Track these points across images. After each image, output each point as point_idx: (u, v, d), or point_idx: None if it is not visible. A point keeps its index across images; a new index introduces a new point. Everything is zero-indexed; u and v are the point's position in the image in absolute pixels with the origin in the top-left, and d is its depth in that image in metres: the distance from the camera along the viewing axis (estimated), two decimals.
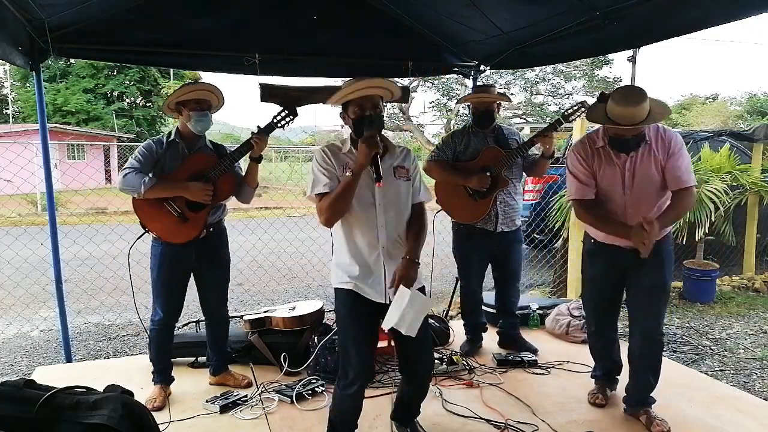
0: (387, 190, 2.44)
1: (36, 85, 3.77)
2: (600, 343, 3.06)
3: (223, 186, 3.06)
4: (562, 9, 3.48)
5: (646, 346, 2.79)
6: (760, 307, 5.59)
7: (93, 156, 21.97)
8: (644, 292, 2.75)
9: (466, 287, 3.81)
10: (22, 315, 5.21)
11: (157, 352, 3.18)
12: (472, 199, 3.59)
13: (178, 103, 3.00)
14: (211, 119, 3.09)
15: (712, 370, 3.99)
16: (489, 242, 3.64)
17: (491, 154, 3.55)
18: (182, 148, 3.04)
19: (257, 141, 3.03)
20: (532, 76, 23.43)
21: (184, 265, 3.08)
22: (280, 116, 3.10)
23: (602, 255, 2.83)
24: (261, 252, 6.56)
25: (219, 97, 3.07)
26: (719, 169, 5.95)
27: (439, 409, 3.04)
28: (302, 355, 3.50)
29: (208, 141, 3.17)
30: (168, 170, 2.98)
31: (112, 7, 3.62)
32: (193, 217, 3.01)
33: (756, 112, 24.41)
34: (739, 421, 2.87)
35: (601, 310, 2.98)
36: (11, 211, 10.84)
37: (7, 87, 27.68)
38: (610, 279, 2.87)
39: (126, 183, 2.87)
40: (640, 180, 2.65)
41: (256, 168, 3.14)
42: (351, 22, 4.23)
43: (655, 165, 2.63)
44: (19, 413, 1.69)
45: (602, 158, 2.71)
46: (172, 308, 3.12)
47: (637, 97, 2.48)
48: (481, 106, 3.58)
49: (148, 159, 2.95)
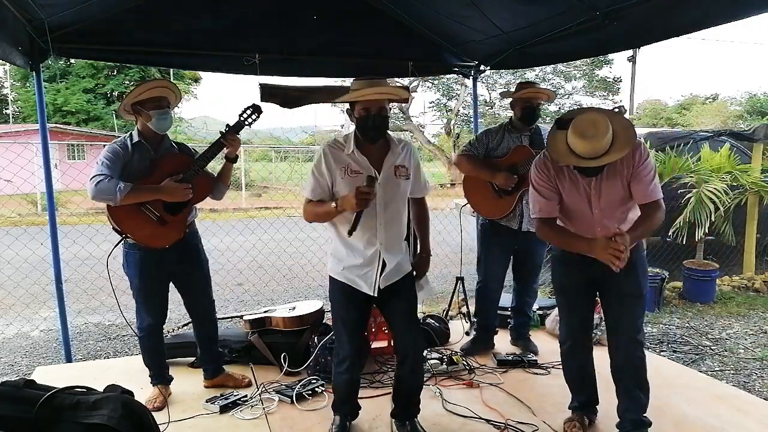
0: (387, 189, 2.52)
1: (36, 85, 3.77)
2: (573, 364, 2.82)
3: (202, 185, 3.02)
4: (562, 9, 3.48)
5: (627, 356, 2.62)
6: (760, 307, 5.59)
7: (93, 156, 21.93)
8: (619, 301, 2.61)
9: (483, 283, 3.80)
10: (22, 315, 5.21)
11: (150, 357, 3.17)
12: (498, 195, 3.60)
13: (135, 104, 2.89)
14: (172, 117, 3.01)
15: (712, 370, 3.99)
16: (512, 240, 3.66)
17: (521, 153, 3.55)
18: (148, 150, 2.94)
19: (231, 141, 2.99)
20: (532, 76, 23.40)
21: (165, 269, 3.02)
22: (246, 114, 3.06)
23: (572, 262, 2.62)
24: (261, 252, 6.57)
25: (176, 94, 3.00)
26: (719, 169, 5.95)
27: (439, 409, 3.04)
28: (302, 355, 3.51)
29: (172, 141, 3.10)
30: (136, 173, 2.87)
31: (112, 7, 3.62)
32: (172, 219, 2.95)
33: (756, 112, 24.40)
34: (739, 420, 2.87)
35: (574, 324, 2.78)
36: (11, 211, 10.83)
37: (7, 87, 27.68)
38: (581, 287, 2.69)
39: (100, 191, 2.72)
40: (607, 198, 2.50)
41: (231, 168, 3.14)
42: (351, 22, 4.23)
43: (620, 180, 2.48)
44: (19, 413, 1.69)
45: (566, 177, 2.55)
46: (159, 313, 3.09)
47: (597, 127, 2.28)
48: (531, 102, 3.53)
49: (116, 164, 2.82)
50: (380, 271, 2.54)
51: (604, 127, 2.29)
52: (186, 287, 3.17)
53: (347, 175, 2.50)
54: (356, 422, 2.87)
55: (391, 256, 2.55)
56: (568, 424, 2.82)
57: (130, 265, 2.99)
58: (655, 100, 32.18)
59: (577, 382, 2.85)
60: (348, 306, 2.64)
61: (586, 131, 2.29)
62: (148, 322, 3.07)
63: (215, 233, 6.78)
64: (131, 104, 2.90)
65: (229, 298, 5.96)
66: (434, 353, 3.67)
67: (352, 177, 2.49)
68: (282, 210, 10.92)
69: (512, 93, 3.58)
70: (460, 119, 24.19)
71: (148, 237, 2.91)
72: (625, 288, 2.57)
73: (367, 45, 4.39)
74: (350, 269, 2.56)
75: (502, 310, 4.16)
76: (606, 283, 2.61)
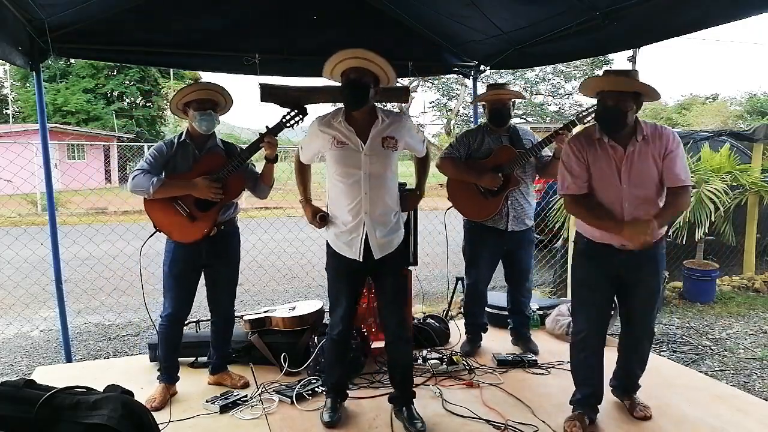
0: (373, 161, 2.63)
1: (36, 85, 3.77)
2: (583, 355, 2.84)
3: (233, 185, 3.07)
4: (562, 9, 3.48)
5: (638, 344, 2.88)
6: (760, 307, 5.60)
7: (93, 156, 21.96)
8: (642, 297, 2.77)
9: (472, 286, 3.81)
10: (22, 315, 5.21)
11: (165, 348, 3.18)
12: (483, 197, 3.60)
13: (184, 104, 3.04)
14: (217, 119, 3.09)
15: (712, 370, 3.99)
16: (500, 241, 3.64)
17: (504, 153, 3.55)
18: (192, 149, 3.06)
19: (268, 142, 3.05)
20: (532, 76, 23.46)
21: (194, 263, 3.10)
22: (289, 116, 3.10)
23: (595, 256, 2.74)
24: (261, 252, 6.56)
25: (226, 98, 3.09)
26: (719, 169, 5.95)
27: (439, 409, 3.04)
28: (302, 355, 3.50)
29: (219, 140, 3.18)
30: (179, 171, 3.02)
31: (112, 7, 3.62)
32: (201, 215, 3.02)
33: (756, 112, 24.39)
34: (739, 420, 2.87)
35: (592, 315, 2.81)
36: (11, 211, 10.83)
37: (7, 87, 27.68)
38: (603, 281, 2.75)
39: (135, 184, 2.92)
40: (637, 173, 2.61)
41: (272, 168, 3.20)
42: (351, 22, 4.22)
43: (653, 159, 2.60)
44: (19, 413, 1.69)
45: (597, 150, 2.65)
46: (181, 303, 3.12)
47: (628, 72, 2.62)
48: (497, 104, 3.57)
49: (158, 160, 2.99)
50: (364, 239, 2.66)
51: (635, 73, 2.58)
52: (212, 282, 3.24)
53: (334, 146, 2.64)
54: (356, 422, 2.87)
55: (379, 226, 2.66)
56: (568, 423, 2.79)
57: (166, 252, 3.11)
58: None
59: (586, 373, 2.86)
60: (339, 272, 2.79)
61: (619, 71, 2.61)
62: (168, 311, 3.12)
63: None
64: (181, 104, 3.05)
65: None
66: (434, 353, 3.67)
67: (339, 148, 2.64)
68: (282, 210, 10.92)
69: (479, 97, 3.66)
70: (460, 119, 24.21)
71: (176, 230, 3.03)
72: (650, 284, 2.74)
73: (367, 45, 4.30)
74: (338, 235, 2.72)
75: (500, 310, 4.17)
76: (630, 279, 2.72)
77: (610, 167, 2.63)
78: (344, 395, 2.98)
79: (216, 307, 3.30)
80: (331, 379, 2.96)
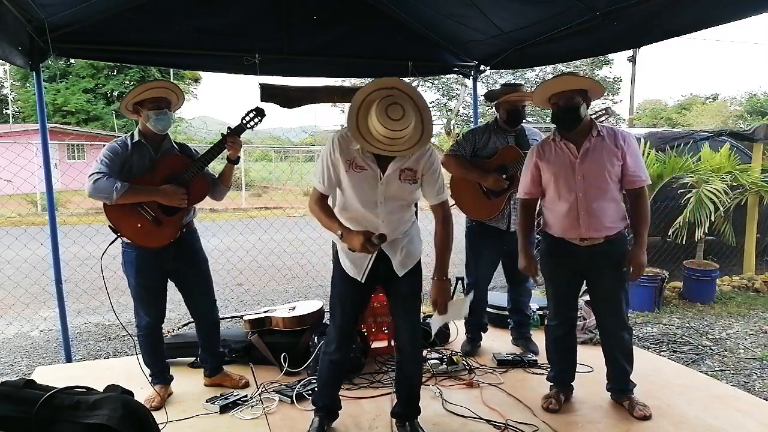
0: (389, 191, 2.50)
1: (36, 85, 3.77)
2: (552, 337, 3.07)
3: (197, 188, 3.01)
4: (562, 9, 3.48)
5: (617, 338, 2.95)
6: (760, 307, 5.59)
7: (93, 156, 21.83)
8: (606, 288, 2.90)
9: (474, 285, 3.79)
10: (22, 315, 5.22)
11: (150, 356, 3.16)
12: (486, 197, 3.60)
13: (136, 103, 2.92)
14: (171, 117, 3.01)
15: (712, 370, 3.99)
16: (501, 241, 3.64)
17: (509, 153, 3.55)
18: (149, 150, 2.96)
19: (231, 143, 3.01)
20: (532, 76, 23.39)
21: (161, 268, 3.02)
22: (248, 117, 3.09)
23: (558, 251, 2.92)
24: (261, 252, 6.57)
25: (178, 95, 3.01)
26: (719, 169, 5.95)
27: (439, 409, 3.04)
28: (302, 355, 3.50)
29: (173, 141, 3.10)
30: (136, 172, 2.90)
31: (112, 7, 3.62)
32: (167, 220, 2.94)
33: (756, 112, 24.39)
34: (739, 420, 2.87)
35: (560, 307, 3.04)
36: (11, 211, 10.82)
37: (7, 87, 27.68)
38: (567, 276, 2.97)
39: (96, 189, 2.76)
40: (593, 169, 2.75)
41: (233, 169, 3.15)
42: (351, 22, 4.23)
43: (607, 155, 2.74)
44: (18, 413, 1.69)
45: (553, 150, 2.84)
46: (157, 311, 3.09)
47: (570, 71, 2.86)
48: (517, 104, 3.54)
49: (115, 162, 2.84)
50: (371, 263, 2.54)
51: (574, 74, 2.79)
52: (183, 286, 3.17)
53: (352, 170, 2.46)
54: (356, 422, 2.87)
55: (390, 247, 2.56)
56: (545, 400, 3.03)
57: (126, 263, 3.00)
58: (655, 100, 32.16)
59: (559, 353, 3.09)
60: (344, 283, 2.64)
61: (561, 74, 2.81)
62: (146, 321, 3.08)
63: (215, 233, 6.78)
64: (132, 104, 2.93)
65: (229, 298, 5.96)
66: (434, 353, 3.67)
67: (357, 172, 2.46)
68: (282, 210, 10.93)
69: (497, 95, 3.59)
70: (460, 119, 24.19)
71: (143, 236, 2.92)
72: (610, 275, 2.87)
73: (367, 45, 4.39)
74: (346, 252, 2.56)
75: (500, 310, 4.18)
76: (591, 271, 2.90)
77: (565, 164, 2.79)
78: (335, 416, 2.82)
79: (194, 311, 3.25)
80: (323, 400, 2.78)
